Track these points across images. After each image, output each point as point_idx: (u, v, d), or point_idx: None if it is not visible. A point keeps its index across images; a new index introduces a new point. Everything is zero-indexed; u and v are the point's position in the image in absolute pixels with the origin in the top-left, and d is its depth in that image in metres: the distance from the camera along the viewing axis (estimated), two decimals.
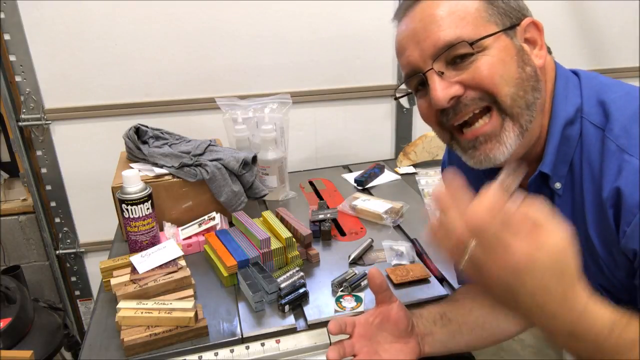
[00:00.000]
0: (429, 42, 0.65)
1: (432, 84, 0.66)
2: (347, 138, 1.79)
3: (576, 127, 0.67)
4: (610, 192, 0.62)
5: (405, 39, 0.69)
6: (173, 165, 1.23)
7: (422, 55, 0.66)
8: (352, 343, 0.77)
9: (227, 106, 1.44)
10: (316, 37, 1.63)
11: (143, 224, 1.09)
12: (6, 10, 1.40)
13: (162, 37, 1.52)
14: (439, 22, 0.65)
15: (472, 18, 0.65)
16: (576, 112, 0.67)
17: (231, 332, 0.89)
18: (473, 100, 0.65)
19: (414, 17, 0.67)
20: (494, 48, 0.64)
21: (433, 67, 0.66)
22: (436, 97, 0.65)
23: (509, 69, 0.65)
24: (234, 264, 1.01)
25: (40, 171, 1.59)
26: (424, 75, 0.67)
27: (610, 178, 0.62)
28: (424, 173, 1.59)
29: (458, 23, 0.64)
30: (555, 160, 0.68)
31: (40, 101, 1.51)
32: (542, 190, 0.72)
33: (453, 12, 0.65)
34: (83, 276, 1.76)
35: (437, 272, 1.04)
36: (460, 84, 0.65)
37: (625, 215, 0.60)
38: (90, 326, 0.94)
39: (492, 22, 0.66)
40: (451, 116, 0.67)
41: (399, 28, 0.71)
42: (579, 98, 0.68)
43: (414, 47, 0.67)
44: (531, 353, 1.98)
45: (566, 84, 0.70)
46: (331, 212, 1.24)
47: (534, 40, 0.69)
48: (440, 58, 0.65)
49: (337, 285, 0.99)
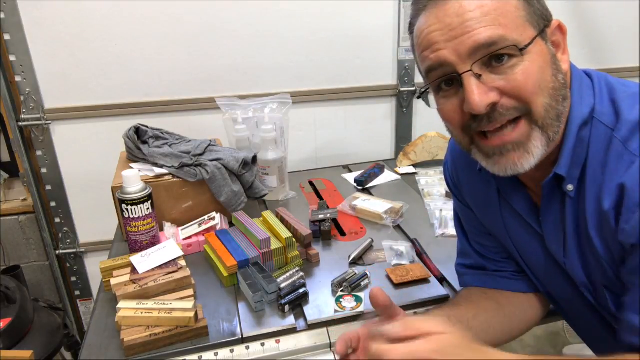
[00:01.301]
0: (468, 38, 0.60)
1: (469, 87, 0.61)
2: (347, 138, 1.79)
3: (589, 128, 0.66)
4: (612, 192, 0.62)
5: (437, 32, 0.62)
6: (173, 165, 1.23)
7: (458, 53, 0.61)
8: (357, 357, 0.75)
9: (227, 106, 1.45)
10: (316, 37, 1.63)
11: (143, 224, 1.09)
12: (6, 10, 1.40)
13: (162, 37, 1.52)
14: (480, 18, 0.60)
15: (514, 17, 0.61)
16: (590, 113, 0.66)
17: (231, 332, 0.89)
18: (508, 110, 0.62)
19: (448, 12, 0.61)
20: (533, 53, 0.61)
21: (472, 69, 0.61)
22: (474, 102, 0.61)
23: (545, 77, 0.62)
24: (234, 264, 1.01)
25: (40, 171, 1.59)
26: (459, 76, 0.62)
27: (614, 178, 0.62)
28: (424, 173, 1.59)
29: (501, 21, 0.60)
30: (571, 162, 0.67)
31: (40, 101, 1.51)
32: (554, 193, 0.71)
33: (494, 9, 0.60)
34: (83, 276, 1.76)
35: (437, 272, 1.04)
36: (498, 90, 0.62)
37: (626, 213, 0.60)
38: (90, 326, 0.94)
39: (530, 23, 0.62)
40: (485, 123, 0.64)
41: (425, 19, 0.64)
42: (592, 98, 0.67)
43: (448, 42, 0.61)
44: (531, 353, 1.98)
45: (580, 85, 0.68)
46: (331, 212, 1.24)
47: (558, 43, 0.66)
48: (480, 59, 0.61)
49: (337, 285, 0.99)
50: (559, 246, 0.73)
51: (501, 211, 0.81)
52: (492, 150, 0.65)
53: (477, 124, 0.64)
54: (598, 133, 0.65)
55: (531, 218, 0.76)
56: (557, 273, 0.77)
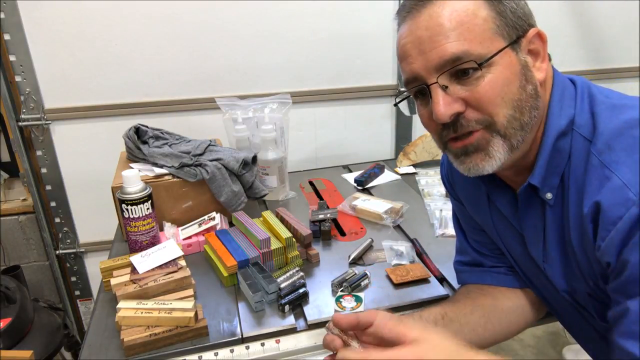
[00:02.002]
0: (434, 54, 0.63)
1: (436, 98, 0.65)
2: (347, 138, 1.79)
3: (568, 139, 0.67)
4: (590, 207, 0.62)
5: (409, 45, 0.66)
6: (173, 165, 1.23)
7: (426, 67, 0.65)
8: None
9: (227, 106, 1.45)
10: (316, 37, 1.63)
11: (143, 224, 1.09)
12: (6, 10, 1.40)
13: (162, 37, 1.52)
14: (447, 33, 0.62)
15: (481, 30, 0.63)
16: (569, 124, 0.67)
17: (231, 332, 0.89)
18: (470, 122, 0.65)
19: (419, 24, 0.64)
20: (499, 65, 0.63)
21: (437, 81, 0.64)
22: (439, 112, 0.64)
23: (511, 89, 0.64)
24: (234, 264, 1.01)
25: (40, 171, 1.59)
26: (427, 87, 0.66)
27: (591, 193, 0.62)
28: (424, 173, 1.59)
29: (466, 36, 0.62)
30: (545, 172, 0.68)
31: (40, 101, 1.51)
32: (532, 200, 0.72)
33: (461, 24, 0.62)
34: (83, 276, 1.76)
35: (437, 272, 1.04)
36: (462, 101, 0.64)
37: (601, 231, 0.60)
38: (90, 326, 0.94)
39: (499, 35, 0.64)
40: (451, 131, 0.67)
41: (403, 30, 0.68)
42: (573, 109, 0.68)
43: (418, 55, 0.65)
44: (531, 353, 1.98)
45: (562, 95, 0.69)
46: (331, 212, 1.24)
47: (536, 51, 0.67)
48: (445, 71, 0.64)
49: (337, 285, 0.99)
50: (538, 251, 0.74)
51: (490, 211, 0.82)
52: (458, 152, 0.68)
53: (446, 132, 0.68)
54: (578, 145, 0.66)
55: (514, 220, 0.77)
56: (539, 276, 0.79)
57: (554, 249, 0.72)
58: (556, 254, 0.72)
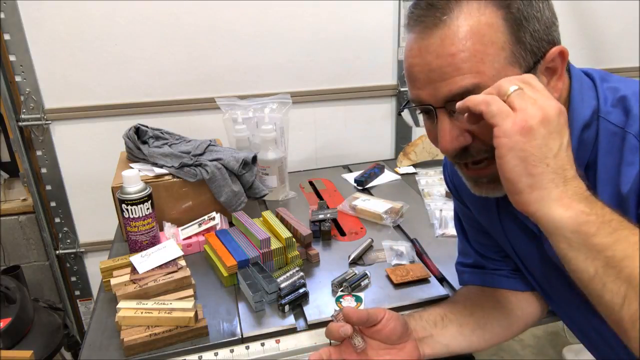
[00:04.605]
0: (444, 86, 0.59)
1: (442, 126, 0.62)
2: (347, 138, 1.79)
3: (592, 129, 0.65)
4: (632, 178, 0.59)
5: (418, 69, 0.62)
6: (173, 165, 1.23)
7: (434, 96, 0.61)
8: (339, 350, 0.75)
9: (227, 106, 1.44)
10: (316, 37, 1.63)
11: (143, 224, 1.09)
12: (6, 10, 1.40)
13: (162, 37, 1.52)
14: (458, 65, 0.58)
15: (495, 61, 0.58)
16: (592, 115, 0.65)
17: (231, 332, 0.89)
18: (479, 152, 0.63)
19: (430, 47, 0.60)
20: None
21: (445, 107, 0.61)
22: (444, 146, 0.62)
23: None
24: (234, 264, 1.01)
25: (40, 171, 1.59)
26: (434, 110, 0.62)
27: (632, 168, 0.60)
28: (424, 173, 1.59)
29: (479, 68, 0.58)
30: None
31: (40, 101, 1.51)
32: None
33: (474, 55, 0.58)
34: (83, 276, 1.76)
35: (437, 272, 1.04)
36: (469, 133, 0.61)
37: None
38: (90, 326, 0.94)
39: (516, 64, 0.59)
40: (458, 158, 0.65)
41: (411, 45, 0.63)
42: (595, 100, 0.66)
43: (427, 84, 0.61)
44: (531, 353, 1.98)
45: (581, 88, 0.67)
46: (331, 212, 1.24)
47: (554, 69, 0.63)
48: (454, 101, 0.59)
49: (337, 285, 0.99)
50: None
51: (499, 213, 0.81)
52: (470, 177, 0.67)
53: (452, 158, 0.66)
54: (607, 132, 0.64)
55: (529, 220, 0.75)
56: (554, 276, 0.77)
57: None
58: None
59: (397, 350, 0.76)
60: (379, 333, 0.75)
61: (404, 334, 0.76)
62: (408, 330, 0.77)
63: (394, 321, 0.75)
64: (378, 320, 0.74)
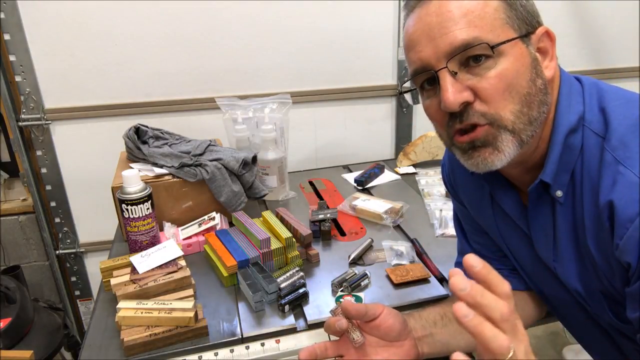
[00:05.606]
0: (444, 39, 0.62)
1: (444, 84, 0.63)
2: (347, 138, 1.79)
3: (578, 135, 0.66)
4: (605, 205, 0.61)
5: (418, 32, 0.65)
6: (173, 165, 1.23)
7: (435, 53, 0.63)
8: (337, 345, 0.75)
9: (227, 106, 1.45)
10: (316, 37, 1.63)
11: (143, 224, 1.09)
12: (6, 10, 1.40)
13: (162, 37, 1.52)
14: (457, 19, 0.61)
15: (491, 19, 0.62)
16: (579, 120, 0.66)
17: (231, 332, 0.89)
18: (476, 114, 0.63)
19: (429, 11, 0.64)
20: (510, 55, 0.62)
21: (447, 66, 0.62)
22: (447, 99, 0.62)
23: (520, 81, 0.63)
24: (234, 264, 1.01)
25: (40, 171, 1.59)
26: (435, 73, 0.64)
27: (605, 190, 0.61)
28: (424, 173, 1.59)
29: (477, 23, 0.61)
30: (557, 169, 0.67)
31: (40, 101, 1.51)
32: (542, 198, 0.71)
33: (472, 11, 0.62)
34: (83, 276, 1.76)
35: (436, 272, 1.04)
36: (471, 90, 0.63)
37: (618, 229, 0.59)
38: (90, 326, 0.94)
39: (510, 26, 0.63)
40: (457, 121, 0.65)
41: (411, 20, 0.66)
42: (582, 105, 0.67)
43: (428, 42, 0.63)
44: None
45: (570, 91, 0.68)
46: (331, 212, 1.24)
47: (545, 50, 0.66)
48: (455, 58, 0.62)
49: (337, 285, 0.99)
50: (548, 250, 0.73)
51: (493, 212, 0.81)
52: (465, 146, 0.67)
53: (452, 122, 0.66)
54: (590, 142, 0.65)
55: (521, 220, 0.76)
56: (547, 276, 0.78)
57: (566, 248, 0.70)
58: (568, 253, 0.70)
59: (395, 348, 0.76)
60: (378, 329, 0.75)
61: (402, 331, 0.76)
62: (407, 328, 0.77)
63: (393, 317, 0.75)
64: (377, 315, 0.74)
